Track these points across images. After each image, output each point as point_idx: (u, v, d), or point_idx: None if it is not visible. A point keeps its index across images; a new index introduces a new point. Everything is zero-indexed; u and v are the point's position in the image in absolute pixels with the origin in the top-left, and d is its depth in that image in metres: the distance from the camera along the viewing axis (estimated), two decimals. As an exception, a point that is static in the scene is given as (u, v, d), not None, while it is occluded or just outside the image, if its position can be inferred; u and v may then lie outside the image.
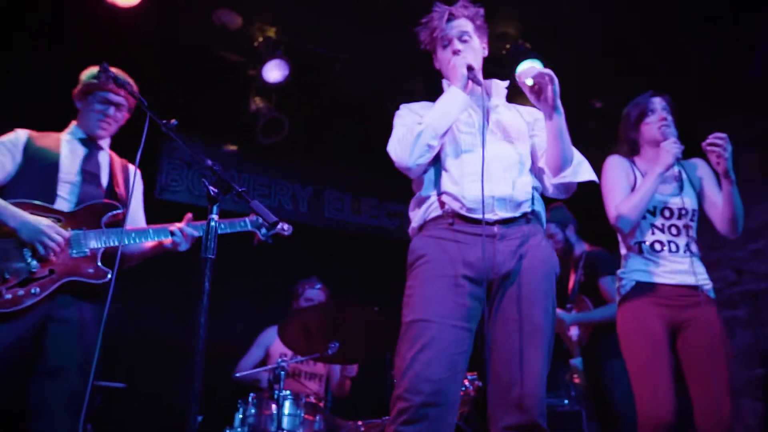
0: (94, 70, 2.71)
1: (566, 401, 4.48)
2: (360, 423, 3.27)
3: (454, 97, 2.22)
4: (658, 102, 2.89)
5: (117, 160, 2.80)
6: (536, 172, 2.31)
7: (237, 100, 5.12)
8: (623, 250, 2.86)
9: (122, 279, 2.48)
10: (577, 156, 2.27)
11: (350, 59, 5.09)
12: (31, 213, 2.38)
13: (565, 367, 4.22)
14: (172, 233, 2.58)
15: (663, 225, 2.77)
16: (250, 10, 4.67)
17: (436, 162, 2.27)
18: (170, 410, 4.20)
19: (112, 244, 2.48)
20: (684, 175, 2.88)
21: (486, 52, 2.44)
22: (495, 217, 2.14)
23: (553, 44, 4.86)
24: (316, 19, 4.71)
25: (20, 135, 2.61)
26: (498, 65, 4.93)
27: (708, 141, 2.65)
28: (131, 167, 2.81)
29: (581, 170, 2.25)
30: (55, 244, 2.35)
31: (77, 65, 2.83)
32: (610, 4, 4.44)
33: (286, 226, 2.93)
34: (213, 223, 1.83)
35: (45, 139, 2.64)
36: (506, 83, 2.43)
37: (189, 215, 2.65)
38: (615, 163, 2.90)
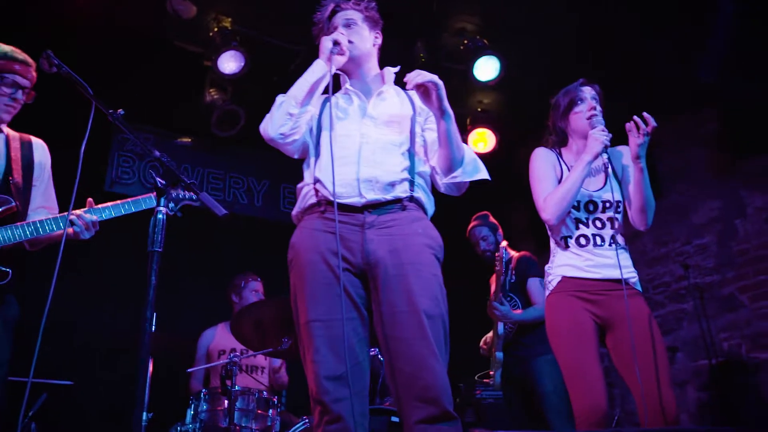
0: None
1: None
2: (306, 419, 3.24)
3: (313, 67, 2.32)
4: (588, 91, 2.84)
5: (15, 136, 2.62)
6: (429, 170, 2.36)
7: (192, 92, 5.03)
8: (552, 246, 2.84)
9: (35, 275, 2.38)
10: (470, 155, 2.33)
11: (309, 52, 5.03)
12: None
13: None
14: (72, 222, 2.43)
15: (587, 219, 2.73)
16: (206, -1, 4.59)
17: (315, 147, 2.32)
18: (119, 408, 4.11)
19: (4, 243, 2.35)
20: (610, 166, 2.81)
21: (379, 42, 2.50)
22: (363, 201, 2.16)
23: (511, 41, 4.91)
24: (274, 10, 4.66)
25: None
26: (455, 60, 4.98)
27: (630, 122, 2.61)
28: (35, 142, 2.65)
29: (472, 170, 2.31)
30: None
31: (28, 53, 2.70)
32: (569, 2, 4.50)
33: (194, 197, 2.58)
34: (160, 216, 1.79)
35: None
36: (396, 69, 2.47)
37: (89, 200, 2.52)
38: (541, 155, 2.86)
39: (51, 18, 4.15)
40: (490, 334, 4.13)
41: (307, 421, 3.27)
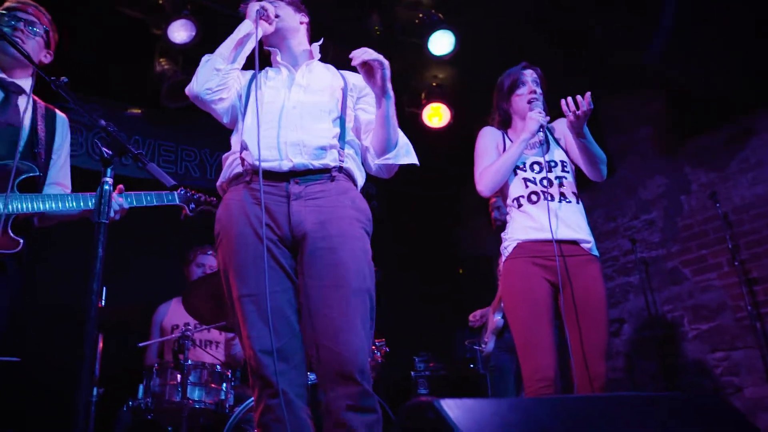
0: None
1: (471, 366, 4.66)
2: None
3: (239, 26, 2.34)
4: (529, 74, 2.97)
5: (41, 106, 2.56)
6: (361, 148, 2.37)
7: (141, 62, 4.88)
8: (507, 215, 2.92)
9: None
10: (402, 139, 2.35)
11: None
12: None
13: (466, 333, 4.38)
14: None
15: (534, 178, 2.82)
16: (154, -36, 4.44)
17: (242, 118, 2.30)
18: (67, 384, 4.04)
19: (22, 210, 2.29)
20: (548, 136, 2.95)
21: (306, 21, 2.52)
22: (289, 165, 2.13)
23: (466, 15, 4.91)
24: (225, -22, 4.54)
25: None
26: (410, 34, 4.96)
27: (564, 101, 2.68)
28: (59, 115, 2.61)
29: (403, 153, 2.34)
30: None
31: None
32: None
33: (214, 201, 2.82)
34: (107, 187, 1.75)
35: None
36: (320, 42, 2.51)
37: (120, 186, 2.47)
38: (486, 133, 2.99)
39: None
40: (480, 310, 4.21)
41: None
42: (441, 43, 4.85)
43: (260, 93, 2.25)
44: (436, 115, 5.45)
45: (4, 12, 2.49)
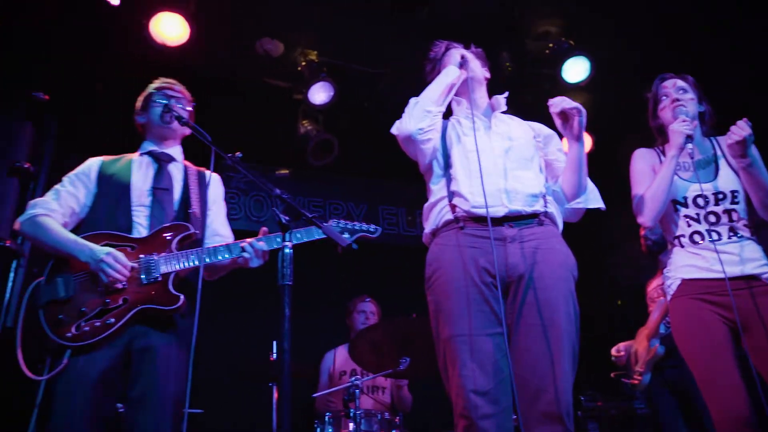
0: (149, 87, 2.77)
1: (642, 404, 4.38)
2: (438, 436, 3.25)
3: (445, 70, 2.43)
4: (670, 84, 2.76)
5: (193, 169, 2.73)
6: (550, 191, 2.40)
7: (286, 125, 5.22)
8: (669, 248, 2.70)
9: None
10: (590, 184, 2.40)
11: (393, 73, 5.13)
12: (105, 244, 2.35)
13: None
14: (243, 249, 2.46)
15: (698, 215, 2.57)
16: (291, 36, 4.77)
17: (444, 167, 2.35)
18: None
19: (181, 267, 2.39)
20: (719, 153, 2.67)
21: (487, 75, 2.60)
22: (504, 210, 2.18)
23: (597, 39, 4.80)
24: (356, 37, 4.77)
25: (92, 164, 2.61)
26: (542, 65, 4.91)
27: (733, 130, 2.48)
28: (207, 173, 2.73)
29: (594, 198, 2.39)
30: (116, 272, 2.29)
31: (132, 104, 2.87)
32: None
33: (373, 228, 2.87)
34: (288, 251, 1.87)
35: (117, 163, 2.62)
36: (505, 95, 2.55)
37: (264, 229, 2.55)
38: (638, 156, 2.79)
39: (153, 70, 4.42)
40: (624, 343, 4.01)
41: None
42: (575, 70, 4.77)
43: (463, 140, 2.35)
44: (577, 143, 5.31)
45: (155, 91, 2.74)
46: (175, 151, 2.74)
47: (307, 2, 4.40)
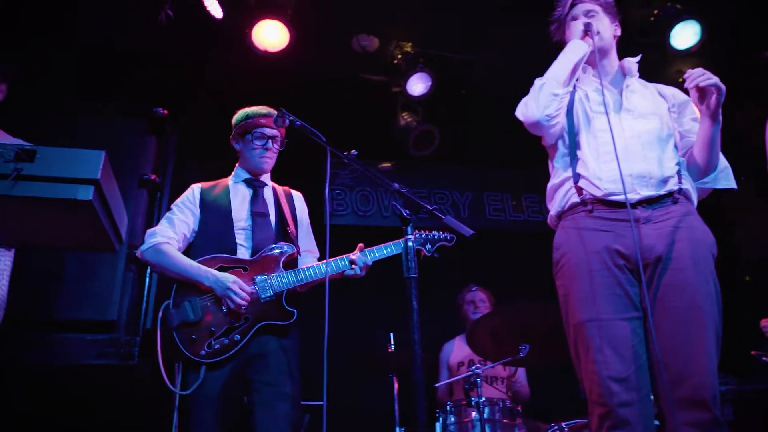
0: (244, 111, 2.93)
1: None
2: (564, 424, 3.18)
3: (570, 45, 2.29)
4: None
5: (280, 191, 2.96)
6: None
7: (384, 119, 5.27)
8: None
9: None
10: (722, 162, 2.24)
11: (488, 57, 5.06)
12: (220, 267, 2.61)
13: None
14: (353, 262, 2.69)
15: None
16: (385, 29, 4.80)
17: (571, 146, 2.25)
18: (368, 423, 4.38)
19: (292, 285, 2.64)
20: None
21: (618, 32, 2.45)
22: (637, 197, 2.08)
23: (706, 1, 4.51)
24: (449, 25, 4.74)
25: (195, 190, 2.84)
26: (648, 33, 4.67)
27: None
28: (294, 194, 2.99)
29: (724, 177, 2.25)
30: (241, 299, 2.52)
31: (239, 108, 2.99)
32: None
33: (449, 236, 2.97)
34: (411, 244, 1.90)
35: (215, 189, 2.85)
36: (637, 59, 2.40)
37: (360, 245, 2.77)
38: None
39: (255, 76, 4.60)
40: None
41: (556, 428, 3.23)
42: (684, 35, 4.49)
43: (592, 120, 2.24)
44: (689, 113, 5.02)
45: (251, 123, 2.88)
46: (266, 177, 2.97)
47: (398, -5, 4.42)
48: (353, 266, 2.68)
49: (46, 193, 1.74)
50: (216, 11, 4.11)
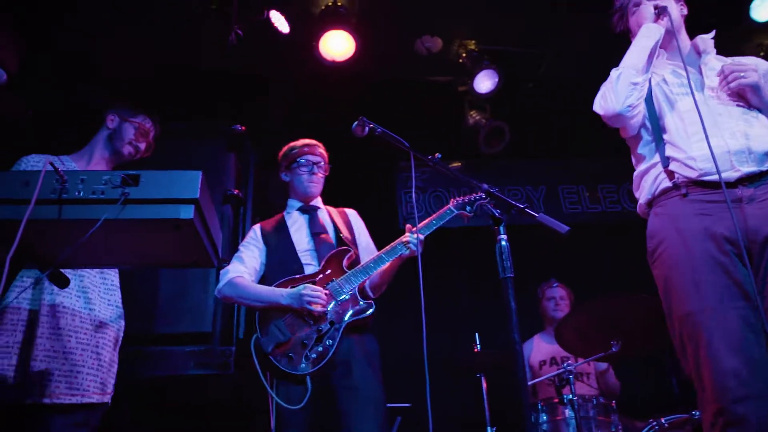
0: (288, 146, 3.11)
1: None
2: (663, 420, 3.08)
3: (644, 30, 2.22)
4: None
5: (334, 211, 3.14)
6: None
7: (452, 118, 5.26)
8: None
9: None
10: None
11: (554, 50, 4.98)
12: (291, 287, 2.73)
13: None
14: (407, 242, 2.78)
15: None
16: (448, 29, 4.80)
17: (655, 132, 2.17)
18: (457, 424, 4.37)
19: (361, 280, 2.77)
20: None
21: (685, 11, 2.39)
22: (737, 174, 1.98)
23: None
24: (511, 20, 4.69)
25: (255, 229, 3.03)
26: (725, 4, 4.48)
27: None
28: (348, 211, 3.18)
29: None
30: (318, 299, 2.64)
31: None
32: None
33: (482, 195, 2.84)
34: (504, 243, 1.89)
35: (272, 224, 3.03)
36: (711, 34, 2.32)
37: (408, 226, 2.88)
38: None
39: (326, 85, 4.69)
40: None
41: (654, 424, 3.14)
42: (765, 7, 4.29)
43: (675, 102, 2.17)
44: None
45: (296, 154, 3.06)
46: (318, 201, 3.14)
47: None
48: (407, 245, 2.76)
49: (152, 215, 1.82)
50: (282, 26, 4.21)
